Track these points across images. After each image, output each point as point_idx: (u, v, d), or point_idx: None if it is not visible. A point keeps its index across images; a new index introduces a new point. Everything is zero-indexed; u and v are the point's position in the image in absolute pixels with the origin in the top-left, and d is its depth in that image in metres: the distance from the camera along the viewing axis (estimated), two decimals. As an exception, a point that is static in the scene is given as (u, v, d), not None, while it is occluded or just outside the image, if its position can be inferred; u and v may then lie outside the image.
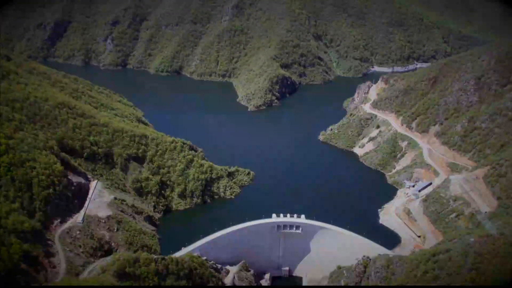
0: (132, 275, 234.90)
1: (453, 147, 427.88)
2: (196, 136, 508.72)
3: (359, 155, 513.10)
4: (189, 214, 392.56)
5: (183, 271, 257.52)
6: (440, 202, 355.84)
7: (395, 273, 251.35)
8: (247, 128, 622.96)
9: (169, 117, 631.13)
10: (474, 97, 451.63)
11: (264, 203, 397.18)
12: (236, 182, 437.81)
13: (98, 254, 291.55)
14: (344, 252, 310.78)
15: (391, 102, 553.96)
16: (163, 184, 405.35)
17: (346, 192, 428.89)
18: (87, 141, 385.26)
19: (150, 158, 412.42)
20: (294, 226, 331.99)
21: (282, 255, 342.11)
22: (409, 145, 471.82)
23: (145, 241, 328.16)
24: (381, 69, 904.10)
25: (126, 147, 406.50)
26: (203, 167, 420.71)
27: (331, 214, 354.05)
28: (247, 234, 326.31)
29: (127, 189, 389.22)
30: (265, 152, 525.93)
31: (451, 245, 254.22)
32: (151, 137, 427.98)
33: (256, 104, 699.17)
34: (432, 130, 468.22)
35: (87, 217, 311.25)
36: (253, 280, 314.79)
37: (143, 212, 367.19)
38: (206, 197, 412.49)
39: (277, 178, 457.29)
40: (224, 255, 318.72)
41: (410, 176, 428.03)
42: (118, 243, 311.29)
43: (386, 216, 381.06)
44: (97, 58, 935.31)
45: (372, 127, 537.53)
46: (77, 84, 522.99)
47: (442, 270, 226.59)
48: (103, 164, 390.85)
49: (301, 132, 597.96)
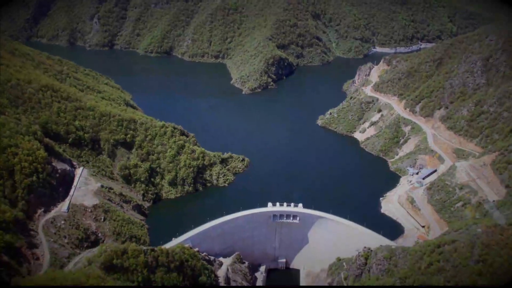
0: (120, 267, 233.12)
1: (459, 132, 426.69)
2: (187, 120, 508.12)
3: (359, 141, 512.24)
4: (180, 203, 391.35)
5: (174, 263, 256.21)
6: (445, 190, 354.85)
7: (397, 265, 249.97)
8: (242, 112, 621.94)
9: (159, 100, 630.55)
10: (482, 79, 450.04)
11: (259, 191, 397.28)
12: (230, 169, 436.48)
13: (84, 245, 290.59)
14: (344, 243, 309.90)
15: (393, 84, 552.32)
16: (153, 171, 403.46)
17: (346, 180, 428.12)
18: (72, 126, 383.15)
19: (139, 144, 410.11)
20: (291, 215, 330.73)
21: (278, 247, 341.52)
22: (412, 130, 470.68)
23: (134, 231, 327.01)
24: (383, 50, 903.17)
25: (114, 132, 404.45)
26: (195, 153, 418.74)
27: (330, 203, 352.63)
28: (241, 224, 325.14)
29: (114, 176, 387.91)
30: (261, 138, 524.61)
31: (457, 235, 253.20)
32: (140, 121, 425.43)
33: (251, 86, 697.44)
34: (437, 114, 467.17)
35: (73, 206, 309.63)
36: (247, 273, 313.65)
37: (132, 200, 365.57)
38: (198, 185, 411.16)
39: (273, 165, 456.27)
40: (217, 246, 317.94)
41: (413, 162, 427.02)
42: (105, 233, 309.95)
43: (388, 205, 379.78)
44: (83, 38, 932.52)
45: (374, 111, 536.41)
46: (62, 66, 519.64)
47: (447, 262, 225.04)
48: (89, 150, 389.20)
49: (298, 116, 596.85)
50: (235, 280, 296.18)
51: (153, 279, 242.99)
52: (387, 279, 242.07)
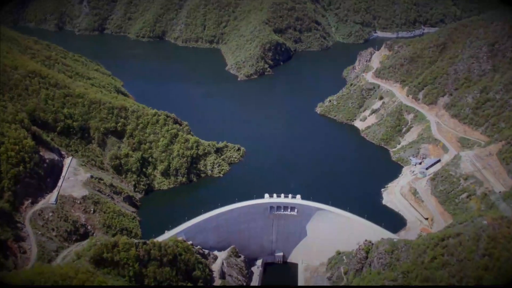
0: (110, 261, 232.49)
1: (464, 121, 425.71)
2: (181, 108, 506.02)
3: (360, 129, 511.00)
4: (173, 194, 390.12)
5: (167, 257, 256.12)
6: (449, 181, 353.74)
7: (400, 259, 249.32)
8: (237, 100, 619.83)
9: (151, 87, 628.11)
10: (487, 65, 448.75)
11: (255, 182, 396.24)
12: (225, 159, 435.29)
13: (73, 238, 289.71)
14: (344, 236, 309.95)
15: (395, 70, 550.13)
16: (145, 161, 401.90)
17: (346, 170, 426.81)
18: (61, 114, 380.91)
19: (130, 133, 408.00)
20: (288, 207, 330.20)
21: (275, 240, 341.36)
22: (415, 118, 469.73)
23: (125, 223, 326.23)
24: (384, 35, 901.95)
25: (104, 121, 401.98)
26: (189, 143, 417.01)
27: (330, 194, 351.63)
28: (237, 216, 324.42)
29: (104, 166, 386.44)
30: (257, 126, 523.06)
31: (462, 228, 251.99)
32: (131, 109, 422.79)
33: (246, 73, 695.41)
34: (441, 102, 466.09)
35: (61, 197, 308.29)
36: (243, 267, 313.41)
37: (123, 192, 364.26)
38: (192, 175, 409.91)
39: (270, 154, 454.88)
40: (212, 239, 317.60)
41: (416, 152, 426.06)
42: (94, 226, 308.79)
43: (390, 197, 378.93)
44: (72, 22, 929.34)
45: (375, 98, 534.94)
46: (50, 51, 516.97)
47: (451, 256, 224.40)
48: (78, 139, 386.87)
49: (296, 103, 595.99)
50: (231, 275, 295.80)
51: (145, 273, 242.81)
52: (388, 274, 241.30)
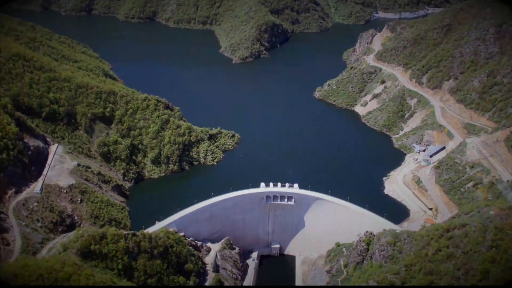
0: (98, 253, 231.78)
1: (470, 106, 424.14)
2: (172, 93, 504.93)
3: (361, 115, 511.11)
4: (164, 183, 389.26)
5: (157, 249, 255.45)
6: (454, 169, 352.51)
7: (402, 251, 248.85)
8: (232, 84, 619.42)
9: (141, 71, 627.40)
10: (494, 48, 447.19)
11: (251, 170, 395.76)
12: (219, 146, 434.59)
13: (59, 229, 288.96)
14: (344, 227, 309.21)
15: (398, 53, 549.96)
16: (134, 149, 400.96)
17: (346, 158, 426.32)
18: (46, 99, 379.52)
19: (119, 118, 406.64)
20: (285, 197, 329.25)
21: (272, 231, 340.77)
22: (419, 103, 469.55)
23: (113, 214, 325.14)
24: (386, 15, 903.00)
25: (91, 106, 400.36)
26: (181, 129, 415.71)
27: (329, 183, 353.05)
28: (231, 206, 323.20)
29: (92, 154, 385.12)
30: (252, 112, 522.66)
31: (468, 219, 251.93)
32: (120, 94, 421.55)
33: (241, 55, 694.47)
34: (446, 86, 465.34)
35: (46, 186, 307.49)
36: (238, 259, 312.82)
37: (111, 180, 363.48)
38: (184, 163, 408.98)
39: (266, 141, 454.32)
40: (205, 230, 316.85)
41: (420, 139, 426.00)
42: (82, 216, 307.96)
43: (392, 186, 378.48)
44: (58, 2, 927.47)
45: (376, 82, 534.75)
46: (35, 33, 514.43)
47: (457, 248, 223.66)
48: (64, 125, 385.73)
49: (294, 88, 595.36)
50: (225, 268, 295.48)
51: (135, 266, 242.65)
52: (391, 267, 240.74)
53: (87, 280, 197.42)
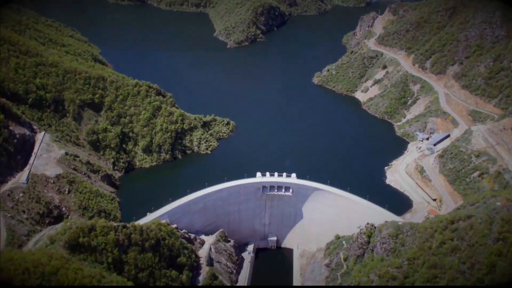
0: (87, 246, 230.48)
1: (475, 92, 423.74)
2: (164, 78, 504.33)
3: (361, 101, 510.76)
4: (155, 173, 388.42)
5: (149, 242, 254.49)
6: (459, 158, 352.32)
7: (405, 244, 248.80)
8: (226, 69, 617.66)
9: (131, 55, 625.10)
10: (501, 31, 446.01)
11: (246, 159, 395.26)
12: (213, 134, 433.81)
13: (46, 221, 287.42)
14: (344, 219, 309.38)
15: (400, 37, 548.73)
16: (125, 137, 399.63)
17: (345, 147, 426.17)
18: (33, 85, 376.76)
19: (109, 105, 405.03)
20: (283, 187, 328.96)
21: (268, 223, 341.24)
22: (422, 89, 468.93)
23: (103, 205, 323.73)
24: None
25: (80, 92, 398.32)
26: (173, 116, 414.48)
27: (328, 173, 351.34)
28: (226, 197, 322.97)
29: (80, 142, 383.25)
30: (248, 98, 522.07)
31: (473, 210, 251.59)
32: (109, 79, 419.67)
33: (237, 39, 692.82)
34: (450, 71, 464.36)
35: (33, 176, 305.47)
36: (233, 253, 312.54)
37: (100, 170, 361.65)
38: (177, 152, 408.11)
39: (262, 129, 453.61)
40: (199, 222, 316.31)
41: (423, 126, 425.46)
42: (70, 207, 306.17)
43: (395, 175, 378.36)
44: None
45: (378, 67, 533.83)
46: (20, 15, 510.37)
47: (462, 241, 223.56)
48: (51, 112, 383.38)
49: (291, 73, 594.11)
50: (219, 261, 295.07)
51: (125, 259, 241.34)
52: (393, 260, 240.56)
53: (75, 274, 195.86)
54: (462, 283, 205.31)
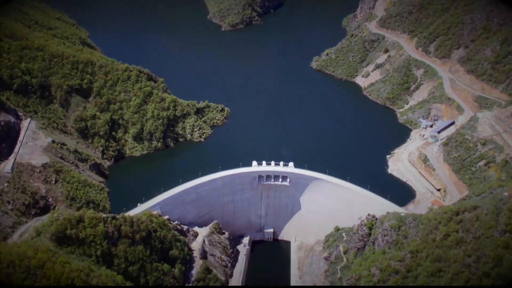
0: (75, 238, 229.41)
1: (481, 77, 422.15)
2: (156, 63, 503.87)
3: (362, 87, 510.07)
4: (147, 162, 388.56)
5: (140, 234, 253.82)
6: (465, 146, 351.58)
7: (407, 236, 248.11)
8: (221, 53, 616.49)
9: (121, 39, 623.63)
10: (509, 13, 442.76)
11: (242, 147, 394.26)
12: (207, 121, 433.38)
13: (32, 212, 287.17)
14: (344, 210, 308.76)
15: (403, 19, 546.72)
16: (114, 124, 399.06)
17: (345, 134, 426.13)
18: (18, 69, 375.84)
19: (98, 91, 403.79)
20: (280, 176, 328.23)
21: (264, 214, 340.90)
22: (425, 74, 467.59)
23: (91, 195, 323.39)
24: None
25: (67, 77, 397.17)
26: (165, 102, 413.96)
27: (327, 162, 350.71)
28: (220, 187, 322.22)
29: (68, 130, 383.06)
30: (243, 84, 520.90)
31: (479, 201, 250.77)
32: (98, 64, 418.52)
33: (231, 22, 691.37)
34: (455, 55, 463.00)
35: (18, 165, 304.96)
36: (227, 245, 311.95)
37: (89, 159, 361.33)
38: (169, 139, 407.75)
39: (258, 116, 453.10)
40: (192, 213, 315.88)
41: (427, 113, 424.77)
42: (57, 198, 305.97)
43: (397, 164, 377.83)
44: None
45: (379, 51, 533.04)
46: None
47: (467, 233, 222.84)
48: (38, 98, 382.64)
49: (288, 57, 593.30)
50: (213, 254, 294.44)
51: (115, 252, 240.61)
52: (395, 253, 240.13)
53: (63, 267, 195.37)
54: (468, 277, 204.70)
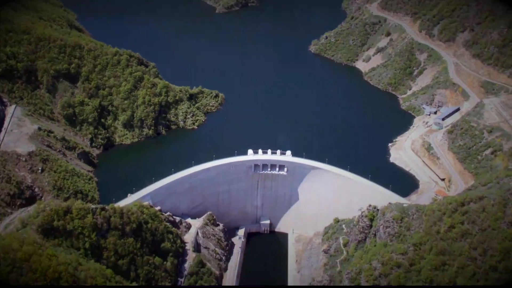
0: (62, 230, 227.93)
1: (487, 61, 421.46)
2: (147, 46, 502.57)
3: (363, 72, 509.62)
4: (137, 150, 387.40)
5: (130, 226, 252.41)
6: (470, 133, 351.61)
7: (410, 228, 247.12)
8: (215, 36, 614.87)
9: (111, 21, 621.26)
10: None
11: (237, 135, 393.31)
12: (200, 108, 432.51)
13: (17, 202, 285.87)
14: (344, 201, 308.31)
15: (405, 1, 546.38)
16: (103, 110, 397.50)
17: (345, 122, 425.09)
18: (2, 53, 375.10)
19: (86, 76, 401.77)
20: (277, 165, 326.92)
21: (261, 205, 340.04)
22: (429, 58, 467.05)
23: (79, 185, 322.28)
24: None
25: (54, 61, 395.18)
26: (157, 88, 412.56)
27: (326, 151, 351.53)
28: (214, 176, 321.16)
29: (55, 116, 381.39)
30: (239, 68, 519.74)
31: (486, 191, 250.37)
32: (87, 47, 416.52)
33: (226, 4, 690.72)
34: (460, 39, 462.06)
35: (2, 153, 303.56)
36: (222, 238, 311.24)
37: (77, 147, 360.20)
38: (160, 127, 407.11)
39: (254, 102, 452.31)
40: (185, 204, 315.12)
41: (430, 99, 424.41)
42: (43, 188, 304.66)
43: (399, 153, 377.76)
44: None
45: (381, 34, 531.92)
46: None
47: (473, 224, 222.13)
48: (23, 83, 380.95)
49: (286, 41, 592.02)
50: (207, 247, 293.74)
51: (104, 245, 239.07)
52: (397, 246, 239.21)
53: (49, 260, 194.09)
54: (473, 270, 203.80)
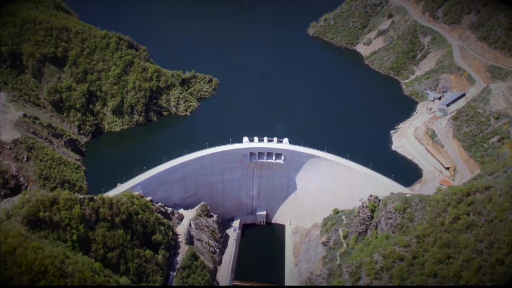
0: (49, 222, 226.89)
1: (494, 45, 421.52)
2: (137, 29, 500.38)
3: (364, 56, 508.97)
4: (127, 138, 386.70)
5: (120, 217, 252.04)
6: (476, 120, 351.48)
7: (413, 219, 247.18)
8: (208, 18, 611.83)
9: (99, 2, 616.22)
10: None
11: (232, 122, 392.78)
12: (193, 93, 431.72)
13: (1, 193, 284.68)
14: (343, 191, 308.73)
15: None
16: (92, 96, 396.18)
17: (345, 108, 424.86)
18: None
19: (74, 60, 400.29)
20: (273, 154, 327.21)
21: (257, 195, 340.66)
22: (433, 41, 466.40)
23: (67, 174, 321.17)
24: None
25: (40, 44, 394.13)
26: (147, 72, 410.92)
27: (325, 138, 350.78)
28: (208, 165, 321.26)
29: (41, 102, 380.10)
30: (233, 52, 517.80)
31: (492, 180, 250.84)
32: (74, 30, 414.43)
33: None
34: (466, 21, 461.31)
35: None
36: (216, 229, 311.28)
37: (64, 134, 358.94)
38: (151, 113, 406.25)
39: (249, 87, 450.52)
40: (177, 194, 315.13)
41: (434, 84, 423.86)
42: (28, 177, 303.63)
43: (402, 141, 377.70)
44: None
45: (382, 16, 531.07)
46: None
47: (479, 215, 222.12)
48: (8, 68, 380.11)
49: (283, 23, 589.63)
50: (200, 239, 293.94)
51: (92, 237, 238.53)
52: (399, 238, 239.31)
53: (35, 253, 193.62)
54: (479, 264, 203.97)
